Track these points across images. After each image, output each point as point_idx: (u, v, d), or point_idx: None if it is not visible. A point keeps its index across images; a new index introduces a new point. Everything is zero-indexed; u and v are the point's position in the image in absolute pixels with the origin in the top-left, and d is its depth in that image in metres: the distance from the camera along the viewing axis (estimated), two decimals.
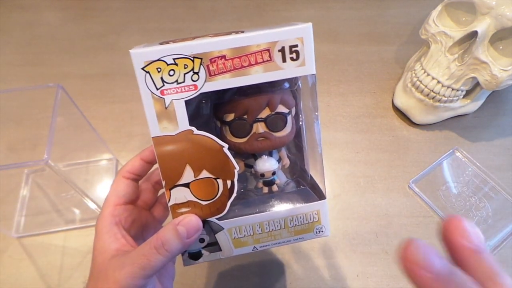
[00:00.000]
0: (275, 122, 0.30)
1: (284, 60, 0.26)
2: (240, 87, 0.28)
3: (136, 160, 0.32)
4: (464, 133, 0.57)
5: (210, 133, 0.28)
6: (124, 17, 0.71)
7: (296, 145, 0.35)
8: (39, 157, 0.33)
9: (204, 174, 0.28)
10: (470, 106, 0.57)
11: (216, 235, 0.30)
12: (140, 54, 0.25)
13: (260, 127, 0.30)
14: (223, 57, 0.25)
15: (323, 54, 0.66)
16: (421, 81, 0.53)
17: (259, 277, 0.45)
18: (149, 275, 0.26)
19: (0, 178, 0.45)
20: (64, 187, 0.50)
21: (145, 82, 0.25)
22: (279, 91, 0.30)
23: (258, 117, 0.29)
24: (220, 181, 0.28)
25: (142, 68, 0.25)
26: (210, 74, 0.26)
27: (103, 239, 0.29)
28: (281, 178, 0.34)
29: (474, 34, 0.48)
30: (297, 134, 0.33)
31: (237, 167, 0.28)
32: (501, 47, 0.51)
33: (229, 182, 0.29)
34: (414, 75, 0.55)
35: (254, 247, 0.31)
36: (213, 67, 0.26)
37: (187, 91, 0.26)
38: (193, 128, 0.27)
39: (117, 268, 0.26)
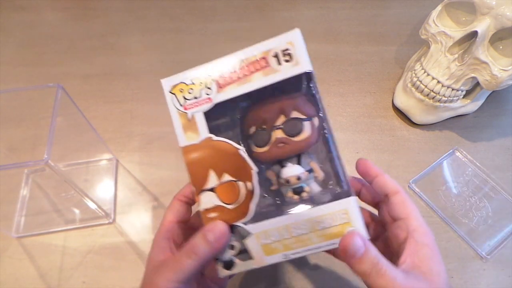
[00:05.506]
0: (291, 127, 0.31)
1: (279, 63, 0.29)
2: (256, 101, 0.32)
3: (190, 186, 0.35)
4: (464, 133, 0.57)
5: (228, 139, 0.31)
6: (124, 17, 0.71)
7: (327, 156, 0.33)
8: (39, 157, 0.33)
9: (226, 177, 0.30)
10: (470, 106, 0.57)
11: (245, 241, 0.30)
12: (168, 80, 0.31)
13: (278, 134, 0.31)
14: None
15: (323, 54, 0.66)
16: (421, 81, 0.53)
17: (258, 276, 0.45)
18: (181, 278, 0.28)
19: (0, 178, 0.45)
20: (64, 187, 0.50)
21: (172, 102, 0.31)
22: (291, 98, 0.31)
23: (275, 124, 0.31)
24: (241, 184, 0.30)
25: (170, 91, 0.31)
26: (220, 87, 0.30)
27: (154, 252, 0.32)
28: (314, 189, 0.32)
29: (474, 34, 0.48)
30: (325, 144, 0.32)
31: (253, 168, 0.30)
32: (501, 47, 0.51)
33: (249, 184, 0.30)
34: (414, 75, 0.55)
35: (285, 254, 0.30)
36: (221, 80, 0.30)
37: (204, 103, 0.30)
38: (212, 135, 0.30)
39: (156, 274, 0.29)
